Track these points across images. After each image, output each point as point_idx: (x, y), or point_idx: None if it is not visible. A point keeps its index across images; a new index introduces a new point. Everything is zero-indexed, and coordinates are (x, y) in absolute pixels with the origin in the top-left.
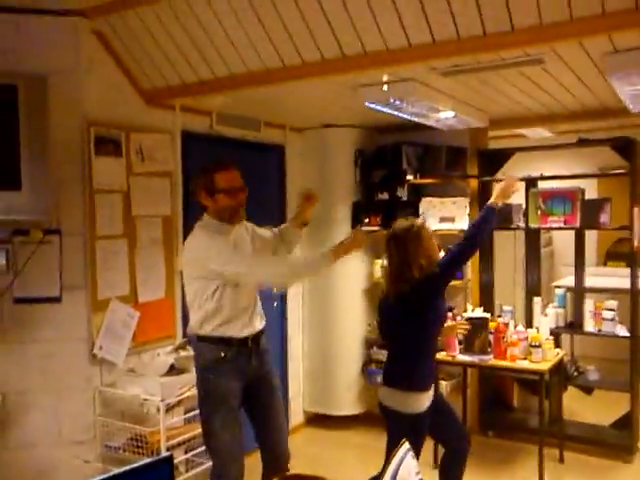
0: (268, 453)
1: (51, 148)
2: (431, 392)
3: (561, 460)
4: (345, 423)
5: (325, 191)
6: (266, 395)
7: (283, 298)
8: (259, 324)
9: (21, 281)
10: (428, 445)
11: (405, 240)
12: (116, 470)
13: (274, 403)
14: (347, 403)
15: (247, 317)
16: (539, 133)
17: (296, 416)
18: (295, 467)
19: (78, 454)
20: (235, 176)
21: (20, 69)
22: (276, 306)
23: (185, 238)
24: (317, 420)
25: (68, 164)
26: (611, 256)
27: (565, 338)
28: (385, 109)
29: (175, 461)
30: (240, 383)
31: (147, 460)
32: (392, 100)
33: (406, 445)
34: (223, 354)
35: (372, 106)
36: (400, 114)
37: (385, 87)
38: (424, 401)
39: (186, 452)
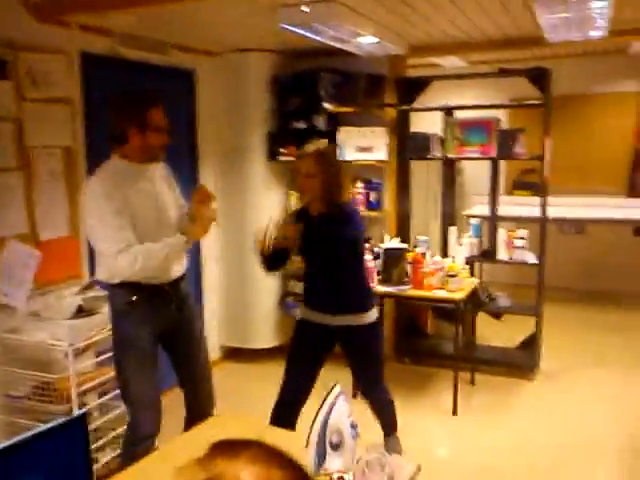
0: (191, 400)
1: None
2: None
3: (472, 382)
4: (263, 356)
5: (239, 120)
6: (187, 342)
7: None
8: (177, 270)
9: None
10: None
11: (333, 159)
12: (25, 435)
13: (195, 350)
14: (264, 336)
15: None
16: (454, 63)
17: (213, 350)
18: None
19: None
20: (164, 113)
21: None
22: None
23: (89, 170)
24: (234, 354)
25: None
26: (517, 186)
27: (477, 266)
28: (304, 32)
29: (88, 407)
30: (155, 327)
31: (58, 421)
32: (312, 23)
33: (337, 388)
34: (134, 298)
35: (289, 28)
36: (320, 38)
37: (305, 8)
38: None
39: (100, 397)
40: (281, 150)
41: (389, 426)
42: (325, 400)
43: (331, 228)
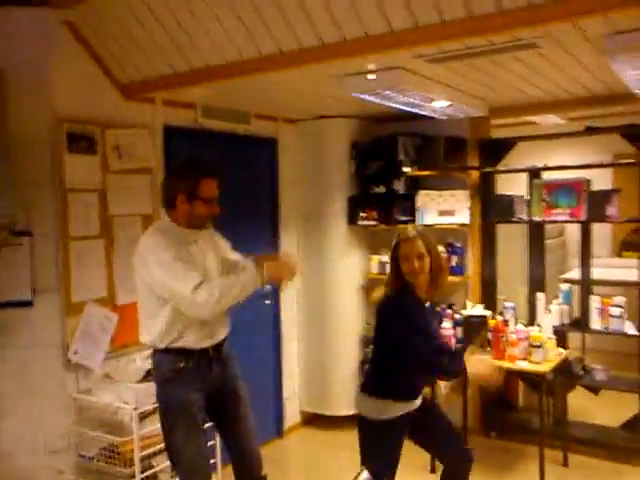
0: (239, 462)
1: (16, 146)
2: (413, 403)
3: (565, 463)
4: (342, 423)
5: (320, 184)
6: (231, 403)
7: (276, 295)
8: (222, 333)
9: None
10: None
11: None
12: None
13: (240, 411)
14: (344, 403)
15: (207, 328)
16: (550, 120)
17: (292, 416)
18: (291, 468)
19: (52, 464)
20: (216, 186)
21: None
22: (269, 304)
23: None
24: (314, 420)
25: (37, 163)
26: (627, 246)
27: (573, 334)
28: (373, 99)
29: (156, 469)
30: (202, 393)
31: None
32: (379, 90)
33: (365, 474)
34: (182, 365)
35: (359, 96)
36: (392, 104)
37: (371, 76)
38: (400, 409)
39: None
40: (361, 214)
41: None
42: None
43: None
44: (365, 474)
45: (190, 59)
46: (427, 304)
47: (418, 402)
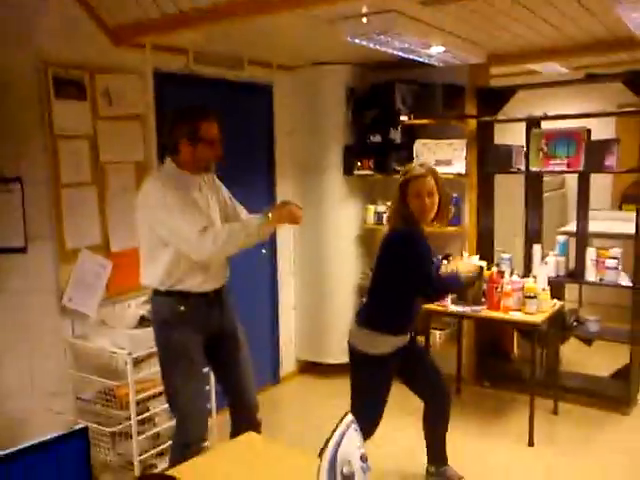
0: (236, 406)
1: (2, 92)
2: (403, 337)
3: (555, 411)
4: (337, 371)
5: (316, 133)
6: (231, 349)
7: (272, 244)
8: (222, 278)
9: None
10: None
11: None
12: (27, 443)
13: (239, 355)
14: (339, 351)
15: (208, 272)
16: (552, 69)
17: (288, 364)
18: (286, 414)
19: (51, 406)
20: (217, 127)
21: None
22: (265, 252)
23: None
24: (309, 368)
25: (25, 108)
26: (627, 199)
27: (570, 286)
28: (367, 43)
29: (152, 412)
30: (201, 336)
31: (59, 433)
32: (373, 34)
33: (349, 417)
34: (182, 308)
35: (354, 40)
36: (387, 49)
37: (364, 20)
38: (390, 344)
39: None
40: (357, 164)
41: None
42: (336, 429)
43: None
44: (349, 417)
45: (179, 1)
46: None
47: (407, 338)
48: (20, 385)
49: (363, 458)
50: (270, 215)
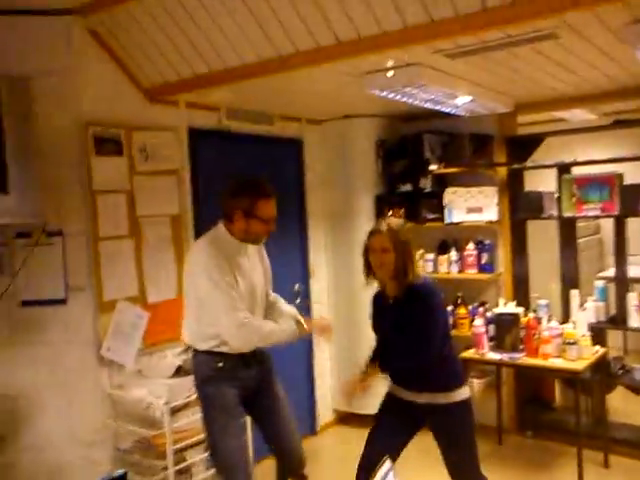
0: (280, 458)
1: (45, 150)
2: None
3: (605, 464)
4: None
5: (346, 184)
6: (269, 401)
7: (306, 293)
8: None
9: (27, 284)
10: None
11: (403, 235)
12: None
13: (279, 408)
14: (377, 401)
15: None
16: (579, 116)
17: (325, 415)
18: (326, 466)
19: (89, 456)
20: (274, 205)
21: (9, 71)
22: (299, 302)
23: (196, 236)
24: (347, 419)
25: (66, 166)
26: None
27: (613, 334)
28: (393, 96)
29: (189, 462)
30: (239, 391)
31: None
32: (398, 87)
33: (388, 463)
34: (221, 364)
35: (378, 93)
36: (413, 101)
37: (390, 73)
38: None
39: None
40: (388, 213)
41: None
42: (374, 474)
43: (406, 318)
44: (388, 463)
45: (209, 61)
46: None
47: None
48: (59, 434)
49: None
50: (305, 325)
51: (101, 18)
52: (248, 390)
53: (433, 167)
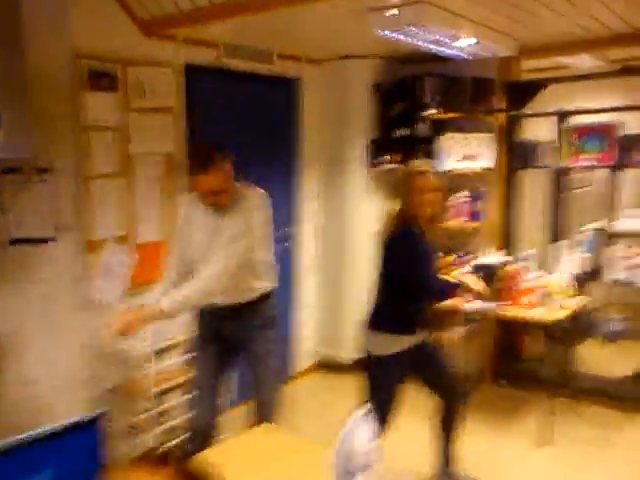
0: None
1: (35, 83)
2: (411, 337)
3: (574, 412)
4: (355, 367)
5: (342, 127)
6: (248, 362)
7: (295, 237)
8: (241, 297)
9: (16, 221)
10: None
11: (400, 182)
12: (40, 429)
13: (252, 364)
14: (357, 346)
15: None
16: (585, 62)
17: (307, 359)
18: (306, 412)
19: (73, 394)
20: (203, 180)
21: None
22: (287, 246)
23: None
24: (328, 364)
25: (57, 99)
26: None
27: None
28: (397, 35)
29: (170, 404)
30: (214, 333)
31: (72, 420)
32: (403, 26)
33: (362, 409)
34: (203, 321)
35: (382, 33)
36: (416, 41)
37: (394, 11)
38: (397, 344)
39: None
40: (385, 157)
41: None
42: (349, 420)
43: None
44: (362, 409)
45: None
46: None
47: (418, 338)
48: (45, 372)
49: (376, 449)
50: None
51: None
52: (225, 339)
53: (431, 112)
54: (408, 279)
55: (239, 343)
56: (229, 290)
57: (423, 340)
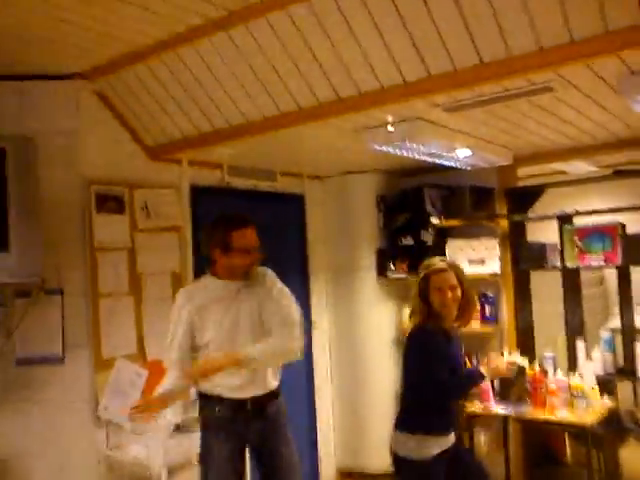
0: None
1: (47, 208)
2: (446, 438)
3: None
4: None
5: (348, 239)
6: (270, 465)
7: (309, 347)
8: (261, 388)
9: (23, 342)
10: None
11: (419, 279)
12: None
13: (279, 474)
14: (381, 459)
15: (237, 380)
16: (579, 168)
17: (328, 472)
18: None
19: None
20: (252, 234)
21: (17, 132)
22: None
23: None
24: (350, 477)
25: (68, 224)
26: None
27: (623, 386)
28: (393, 150)
29: None
30: (236, 445)
31: None
32: (399, 141)
33: None
34: (218, 409)
35: (379, 148)
36: (413, 155)
37: (390, 128)
38: (434, 446)
39: None
40: (391, 267)
41: None
42: None
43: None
44: None
45: (212, 119)
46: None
47: (451, 439)
48: None
49: None
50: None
51: (108, 81)
52: (249, 444)
53: (435, 220)
54: (425, 381)
55: (266, 446)
56: (243, 376)
57: (456, 441)
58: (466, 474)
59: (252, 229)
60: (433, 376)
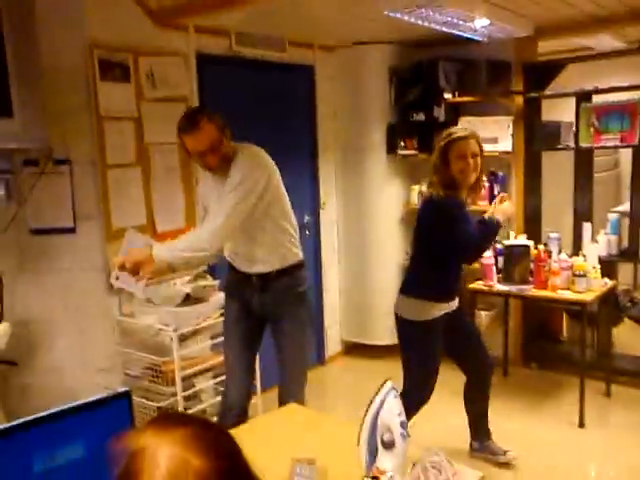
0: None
1: (49, 73)
2: (447, 305)
3: (607, 394)
4: (382, 352)
5: (358, 113)
6: (275, 340)
7: (316, 226)
8: (267, 265)
9: (36, 212)
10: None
11: (437, 147)
12: (71, 404)
13: (281, 346)
14: (384, 333)
15: (242, 258)
16: (606, 43)
17: (334, 345)
18: (332, 396)
19: (100, 381)
20: (193, 141)
21: None
22: (309, 234)
23: None
24: (355, 349)
25: (72, 90)
26: None
27: (624, 268)
28: (408, 17)
29: (197, 388)
30: (243, 311)
31: (103, 395)
32: (415, 7)
33: (388, 384)
34: (231, 277)
35: (395, 15)
36: (428, 23)
37: None
38: (435, 310)
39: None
40: (401, 143)
41: None
42: (375, 396)
43: None
44: (389, 384)
45: None
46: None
47: (454, 304)
48: (71, 360)
49: (403, 425)
50: None
51: None
52: (255, 313)
53: (447, 96)
54: (451, 245)
55: (269, 317)
56: (263, 254)
57: (458, 308)
58: (462, 339)
59: (193, 133)
60: (461, 236)
